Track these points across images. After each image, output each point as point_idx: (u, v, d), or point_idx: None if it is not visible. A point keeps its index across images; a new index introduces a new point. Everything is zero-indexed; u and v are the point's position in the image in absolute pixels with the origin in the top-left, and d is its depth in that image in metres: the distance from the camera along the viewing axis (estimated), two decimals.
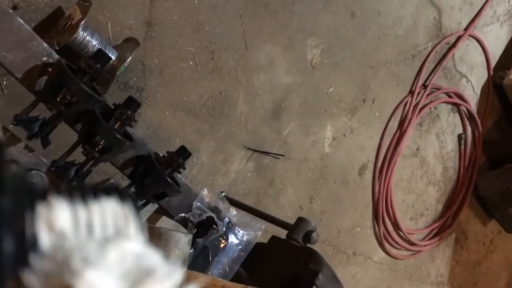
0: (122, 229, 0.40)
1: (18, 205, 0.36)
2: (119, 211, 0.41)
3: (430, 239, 2.88)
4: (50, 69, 1.01)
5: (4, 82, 1.50)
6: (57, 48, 1.46)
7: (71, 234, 0.38)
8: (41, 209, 0.37)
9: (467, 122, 2.96)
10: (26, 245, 0.35)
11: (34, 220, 0.36)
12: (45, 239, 0.37)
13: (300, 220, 1.32)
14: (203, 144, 1.97)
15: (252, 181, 2.13)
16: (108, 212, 0.40)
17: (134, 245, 0.40)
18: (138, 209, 0.43)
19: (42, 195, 0.38)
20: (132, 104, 1.04)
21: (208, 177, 2.00)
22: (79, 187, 0.41)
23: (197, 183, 1.95)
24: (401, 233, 2.72)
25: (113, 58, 1.61)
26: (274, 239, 1.33)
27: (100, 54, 0.99)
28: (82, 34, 1.49)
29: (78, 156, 1.08)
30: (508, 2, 3.03)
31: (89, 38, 1.52)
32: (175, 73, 1.87)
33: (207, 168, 1.99)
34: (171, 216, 1.21)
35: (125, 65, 1.66)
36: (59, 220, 0.37)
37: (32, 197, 0.37)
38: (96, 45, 1.52)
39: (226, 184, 2.06)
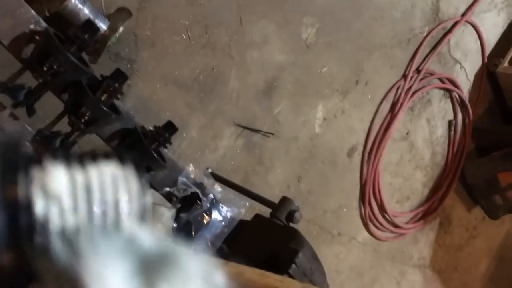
0: (121, 191, 0.38)
1: (10, 169, 0.34)
2: (119, 174, 0.38)
3: (414, 222, 2.92)
4: (37, 37, 1.00)
5: None
6: (48, 15, 1.44)
7: (67, 198, 0.35)
8: (35, 173, 0.35)
9: (458, 109, 2.97)
10: (20, 211, 0.33)
11: (28, 184, 0.34)
12: (39, 204, 0.34)
13: (284, 200, 1.33)
14: (193, 119, 1.96)
15: (241, 158, 2.14)
16: (107, 174, 0.38)
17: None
18: (139, 173, 0.40)
19: (36, 160, 0.36)
20: (119, 76, 1.04)
21: (197, 152, 2.00)
22: (76, 152, 0.39)
23: (185, 158, 1.95)
24: (386, 215, 2.75)
25: (105, 27, 1.58)
26: (257, 217, 1.34)
27: (88, 25, 0.98)
28: (73, 2, 1.47)
29: (64, 126, 1.07)
30: None
31: (81, 6, 1.49)
32: (168, 46, 1.85)
33: (197, 143, 1.99)
34: (156, 190, 1.22)
35: (117, 35, 1.64)
36: (54, 183, 0.35)
37: (25, 161, 0.35)
38: (88, 14, 1.50)
39: (215, 160, 2.06)
